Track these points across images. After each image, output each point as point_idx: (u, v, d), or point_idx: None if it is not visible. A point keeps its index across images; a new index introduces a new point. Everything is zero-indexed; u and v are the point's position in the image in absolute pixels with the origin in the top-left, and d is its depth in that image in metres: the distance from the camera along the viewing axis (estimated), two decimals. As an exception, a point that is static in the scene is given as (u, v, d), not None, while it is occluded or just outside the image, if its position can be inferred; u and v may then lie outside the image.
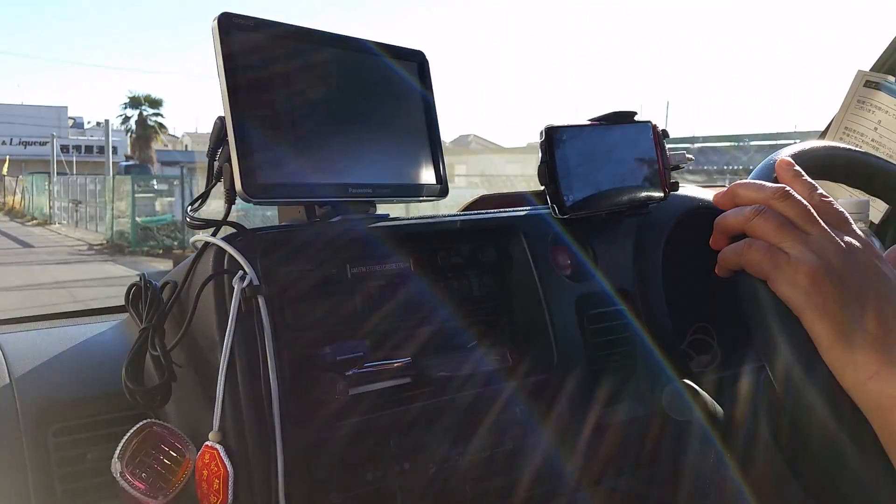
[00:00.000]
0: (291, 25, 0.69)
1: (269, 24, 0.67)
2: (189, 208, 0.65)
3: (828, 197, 0.57)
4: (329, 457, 0.61)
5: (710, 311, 0.97)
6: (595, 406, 0.76)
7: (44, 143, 34.41)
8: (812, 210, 0.55)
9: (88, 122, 42.30)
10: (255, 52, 0.66)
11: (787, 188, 0.56)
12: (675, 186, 0.89)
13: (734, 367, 0.87)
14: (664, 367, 0.81)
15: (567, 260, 0.83)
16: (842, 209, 0.57)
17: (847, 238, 0.55)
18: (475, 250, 0.77)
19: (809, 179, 0.59)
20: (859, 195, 1.06)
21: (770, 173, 0.60)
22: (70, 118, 40.46)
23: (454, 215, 0.79)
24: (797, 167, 0.60)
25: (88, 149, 36.00)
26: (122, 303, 0.69)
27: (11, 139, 36.88)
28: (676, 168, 0.88)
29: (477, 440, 0.68)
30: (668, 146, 0.87)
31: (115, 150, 31.78)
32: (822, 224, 0.55)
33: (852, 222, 0.57)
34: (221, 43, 0.63)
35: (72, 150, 34.45)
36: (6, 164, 25.20)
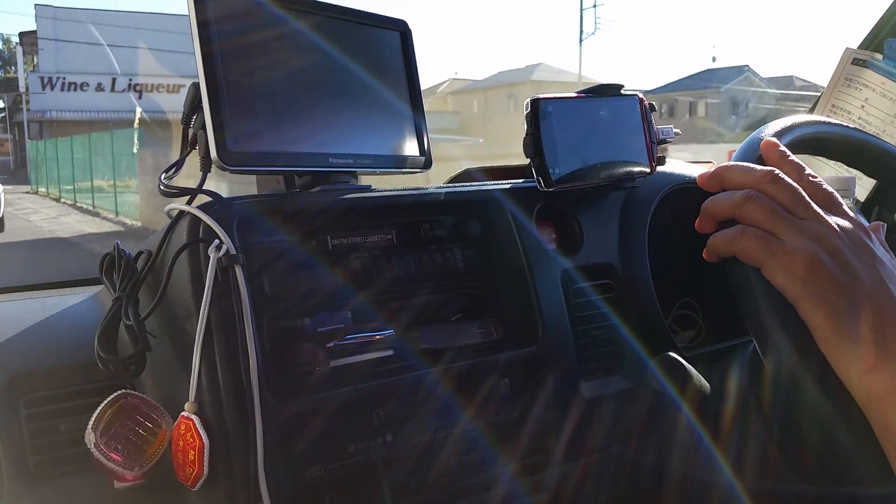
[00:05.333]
0: (271, -11, 0.65)
1: (248, -13, 0.62)
2: (163, 176, 0.63)
3: (816, 177, 0.56)
4: (309, 429, 0.60)
5: (696, 286, 0.96)
6: (581, 379, 0.75)
7: (174, 90, 18.13)
8: (804, 194, 0.53)
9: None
10: (231, 17, 0.64)
11: (777, 172, 0.54)
12: (662, 161, 0.88)
13: (719, 342, 0.86)
14: (650, 341, 0.80)
15: (552, 233, 0.82)
16: (831, 189, 0.56)
17: (840, 221, 0.53)
18: (459, 223, 0.76)
19: (796, 159, 0.57)
20: (845, 171, 1.06)
21: (754, 153, 0.58)
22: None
23: (438, 187, 0.77)
24: (783, 147, 0.58)
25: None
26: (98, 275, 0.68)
27: (114, 79, 17.41)
28: (663, 142, 0.87)
29: (462, 413, 0.67)
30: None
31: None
32: (815, 208, 0.53)
33: (843, 202, 0.55)
34: (196, 6, 0.61)
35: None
36: (137, 132, 11.97)
